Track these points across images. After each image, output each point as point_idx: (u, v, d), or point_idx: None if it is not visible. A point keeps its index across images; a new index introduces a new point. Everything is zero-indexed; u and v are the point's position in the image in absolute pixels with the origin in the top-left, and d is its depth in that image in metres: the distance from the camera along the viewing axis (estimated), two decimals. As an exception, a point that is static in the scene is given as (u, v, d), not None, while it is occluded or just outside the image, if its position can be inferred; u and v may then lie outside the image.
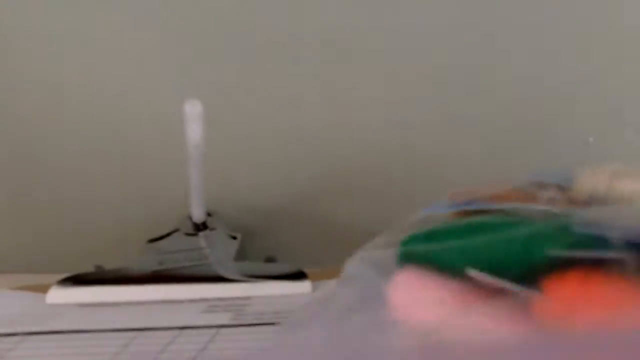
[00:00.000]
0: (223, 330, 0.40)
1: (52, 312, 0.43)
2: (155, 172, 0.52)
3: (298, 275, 0.45)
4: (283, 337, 0.32)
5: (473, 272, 0.30)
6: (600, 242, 0.29)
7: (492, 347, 0.29)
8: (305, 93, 0.51)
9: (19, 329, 0.41)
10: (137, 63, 0.52)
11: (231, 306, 0.43)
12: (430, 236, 0.34)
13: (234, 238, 0.49)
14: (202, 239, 0.48)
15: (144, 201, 0.52)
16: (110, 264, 0.48)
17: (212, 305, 0.43)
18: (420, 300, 0.32)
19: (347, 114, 0.52)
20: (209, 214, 0.49)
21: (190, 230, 0.48)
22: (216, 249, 0.47)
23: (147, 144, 0.52)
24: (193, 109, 0.45)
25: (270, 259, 0.48)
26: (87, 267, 0.48)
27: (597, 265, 0.28)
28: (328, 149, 0.52)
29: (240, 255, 0.48)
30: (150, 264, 0.47)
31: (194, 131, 0.45)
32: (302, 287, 0.44)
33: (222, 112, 0.51)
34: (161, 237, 0.48)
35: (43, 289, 0.46)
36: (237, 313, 0.42)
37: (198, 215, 0.48)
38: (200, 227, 0.48)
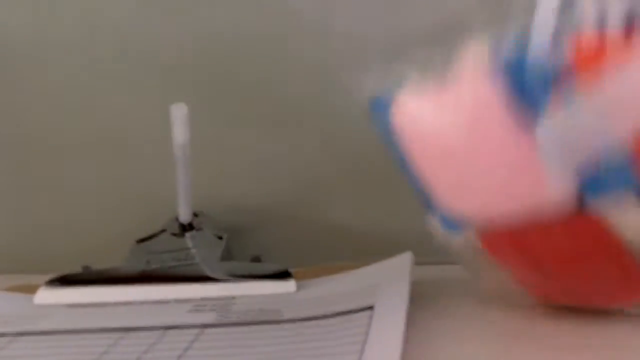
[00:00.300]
0: (208, 329, 0.40)
1: (40, 313, 0.44)
2: (143, 173, 0.53)
3: (283, 275, 0.46)
4: None
5: None
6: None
7: None
8: (290, 91, 0.52)
9: (8, 330, 0.41)
10: (123, 65, 0.52)
11: (216, 306, 0.43)
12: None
13: (220, 238, 0.49)
14: (188, 239, 0.48)
15: (132, 202, 0.53)
16: (98, 264, 0.48)
17: (198, 305, 0.44)
18: None
19: (334, 112, 0.52)
20: (195, 215, 0.49)
21: (177, 230, 0.49)
22: (202, 249, 0.48)
23: (135, 146, 0.53)
24: (179, 112, 0.46)
25: (255, 259, 0.48)
26: (75, 268, 0.48)
27: None
28: (314, 148, 0.52)
29: (227, 255, 0.49)
30: (137, 265, 0.47)
31: (180, 133, 0.46)
32: (286, 287, 0.45)
33: (209, 112, 0.51)
34: (148, 238, 0.49)
35: (31, 289, 0.46)
36: (222, 312, 0.42)
37: (185, 216, 0.48)
38: (187, 227, 0.49)
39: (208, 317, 0.42)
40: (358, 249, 0.51)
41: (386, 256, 0.46)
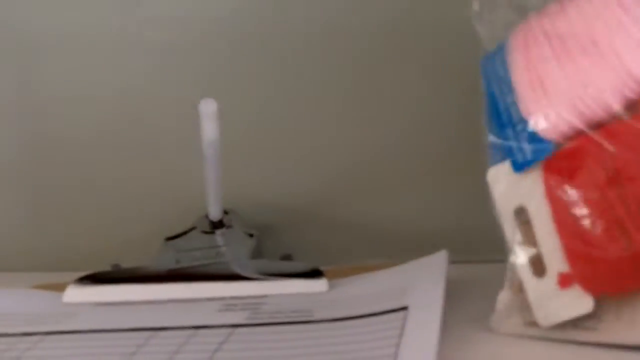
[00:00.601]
0: (238, 329, 0.39)
1: (68, 311, 0.43)
2: (172, 170, 0.52)
3: (314, 274, 0.45)
4: None
5: None
6: None
7: None
8: (323, 90, 0.51)
9: (36, 329, 0.41)
10: (155, 62, 0.52)
11: (247, 305, 0.43)
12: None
13: (251, 236, 0.49)
14: (218, 237, 0.48)
15: (162, 199, 0.52)
16: (128, 262, 0.48)
17: (229, 304, 0.43)
18: None
19: (365, 111, 0.51)
20: (225, 212, 0.49)
21: (207, 228, 0.48)
22: (233, 247, 0.47)
23: (164, 143, 0.52)
24: (208, 108, 0.45)
25: (286, 257, 0.48)
26: (104, 266, 0.48)
27: None
28: (345, 146, 0.51)
29: (257, 253, 0.48)
30: (167, 263, 0.47)
31: (209, 129, 0.45)
32: (318, 286, 0.44)
33: (240, 109, 0.51)
34: (178, 235, 0.48)
35: (60, 287, 0.46)
36: (253, 312, 0.42)
37: (215, 213, 0.48)
38: (217, 225, 0.48)
39: (239, 317, 0.41)
40: (392, 247, 0.50)
41: (421, 254, 0.45)
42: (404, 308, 0.39)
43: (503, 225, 0.37)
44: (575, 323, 0.35)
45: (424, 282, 0.41)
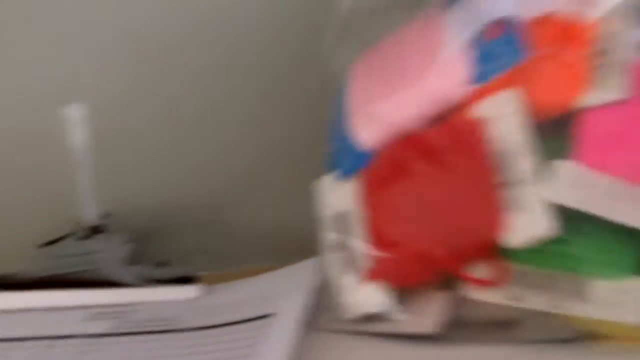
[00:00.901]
0: (101, 339, 0.39)
1: None
2: (48, 175, 0.51)
3: (186, 280, 0.44)
4: None
5: None
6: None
7: None
8: (203, 93, 0.50)
9: None
10: (24, 64, 0.50)
11: (116, 313, 0.42)
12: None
13: (130, 241, 0.48)
14: (95, 242, 0.47)
15: (37, 205, 0.51)
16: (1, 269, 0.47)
17: (97, 312, 0.42)
18: None
19: (245, 115, 0.51)
20: (104, 217, 0.48)
21: (84, 234, 0.47)
22: (108, 253, 0.46)
23: (40, 147, 0.51)
24: (75, 112, 0.44)
25: (162, 263, 0.47)
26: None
27: None
28: (228, 150, 0.51)
29: (137, 259, 0.47)
30: (40, 270, 0.45)
31: (78, 134, 0.44)
32: (187, 292, 0.43)
33: (116, 111, 0.50)
34: (53, 242, 0.47)
35: None
36: (120, 320, 0.41)
37: (89, 219, 0.47)
38: (94, 230, 0.47)
39: (102, 326, 0.40)
40: (278, 252, 0.49)
41: (307, 257, 0.45)
42: (267, 315, 0.38)
43: (323, 228, 0.41)
44: (377, 316, 0.38)
45: (290, 289, 0.41)
